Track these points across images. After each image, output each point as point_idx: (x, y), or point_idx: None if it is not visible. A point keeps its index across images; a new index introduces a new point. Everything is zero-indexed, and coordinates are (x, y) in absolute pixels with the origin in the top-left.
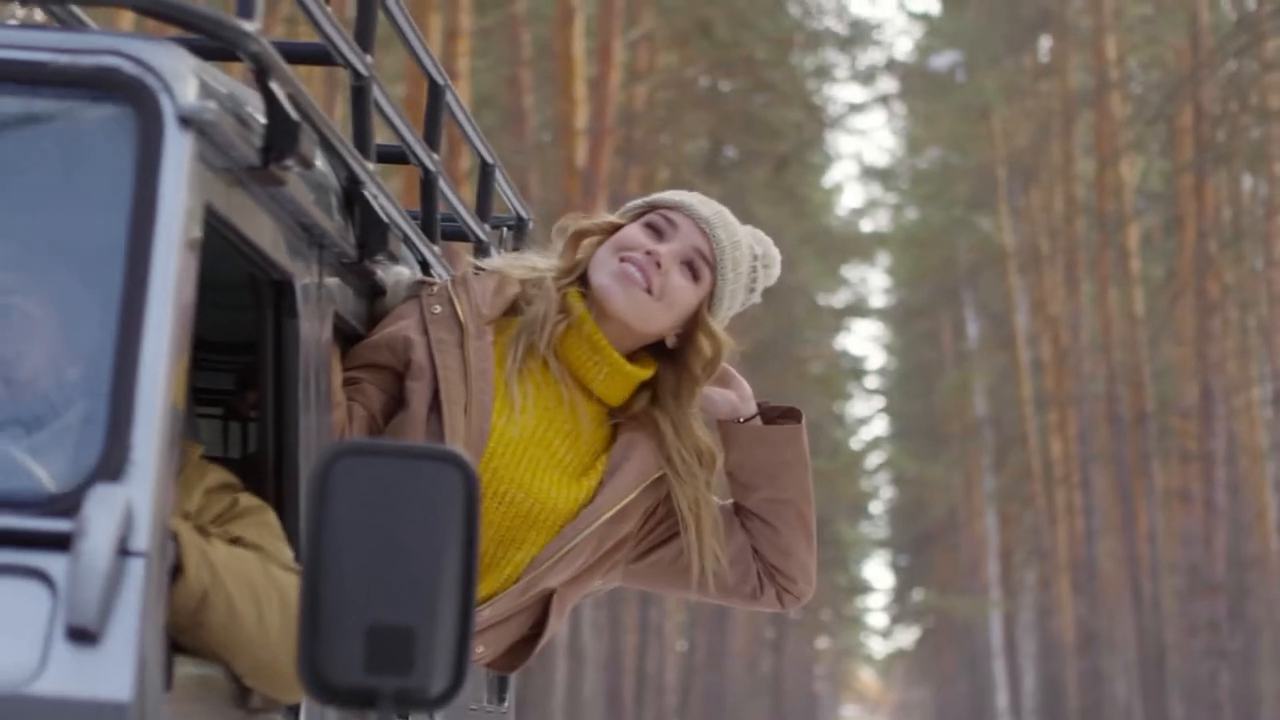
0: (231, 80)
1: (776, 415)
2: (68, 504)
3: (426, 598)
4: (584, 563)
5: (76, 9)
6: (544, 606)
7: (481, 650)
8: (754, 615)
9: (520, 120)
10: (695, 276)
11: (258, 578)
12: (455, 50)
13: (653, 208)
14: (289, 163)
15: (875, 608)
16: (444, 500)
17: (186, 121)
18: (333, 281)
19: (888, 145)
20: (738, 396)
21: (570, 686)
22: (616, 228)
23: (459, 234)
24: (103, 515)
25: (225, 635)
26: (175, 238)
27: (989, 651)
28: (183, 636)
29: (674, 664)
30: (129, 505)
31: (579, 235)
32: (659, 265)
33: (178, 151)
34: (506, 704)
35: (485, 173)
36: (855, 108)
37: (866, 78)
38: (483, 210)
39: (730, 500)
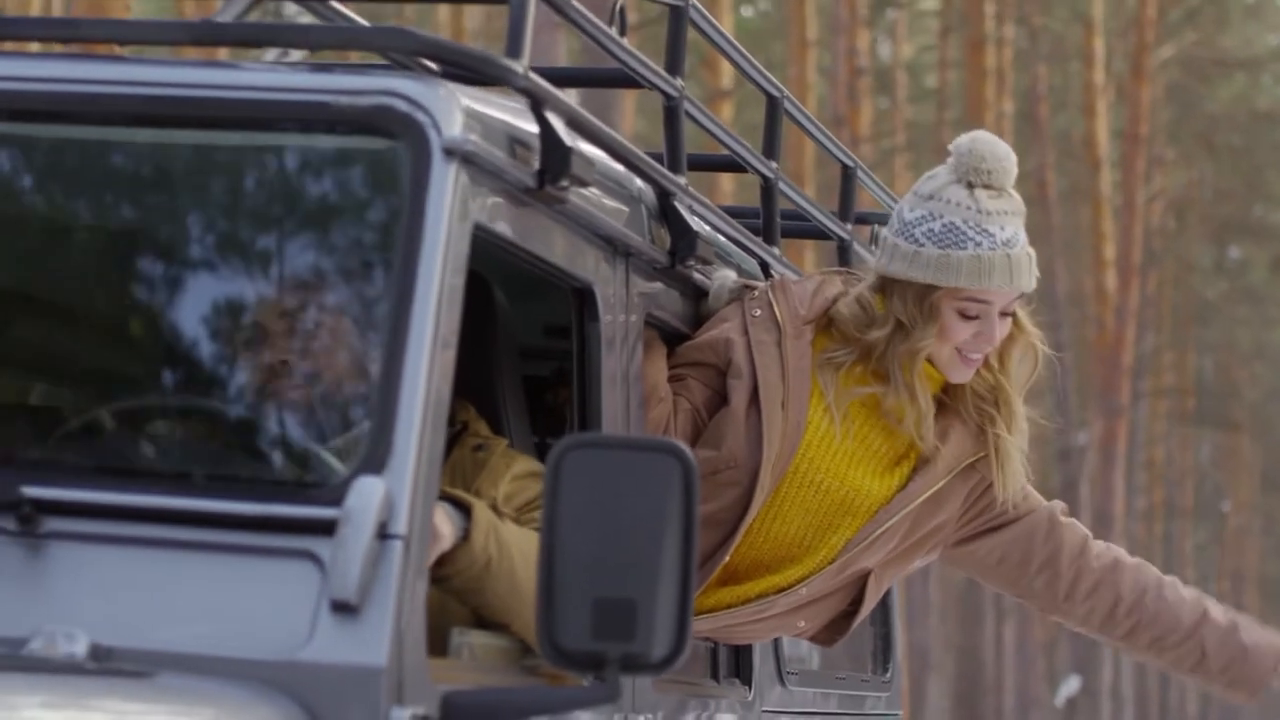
0: (519, 108)
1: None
2: (336, 494)
3: (648, 574)
4: (897, 545)
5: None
6: (861, 584)
7: (802, 625)
8: None
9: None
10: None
11: None
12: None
13: (950, 297)
14: (564, 183)
15: None
16: (665, 487)
17: (450, 153)
18: (645, 286)
19: None
20: None
21: None
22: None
23: (818, 233)
24: (365, 503)
25: (505, 603)
26: (438, 258)
27: None
28: (468, 598)
29: None
30: (389, 494)
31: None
32: (992, 342)
33: (442, 180)
34: (890, 674)
35: (846, 175)
36: None
37: None
38: (844, 210)
39: (1057, 503)
